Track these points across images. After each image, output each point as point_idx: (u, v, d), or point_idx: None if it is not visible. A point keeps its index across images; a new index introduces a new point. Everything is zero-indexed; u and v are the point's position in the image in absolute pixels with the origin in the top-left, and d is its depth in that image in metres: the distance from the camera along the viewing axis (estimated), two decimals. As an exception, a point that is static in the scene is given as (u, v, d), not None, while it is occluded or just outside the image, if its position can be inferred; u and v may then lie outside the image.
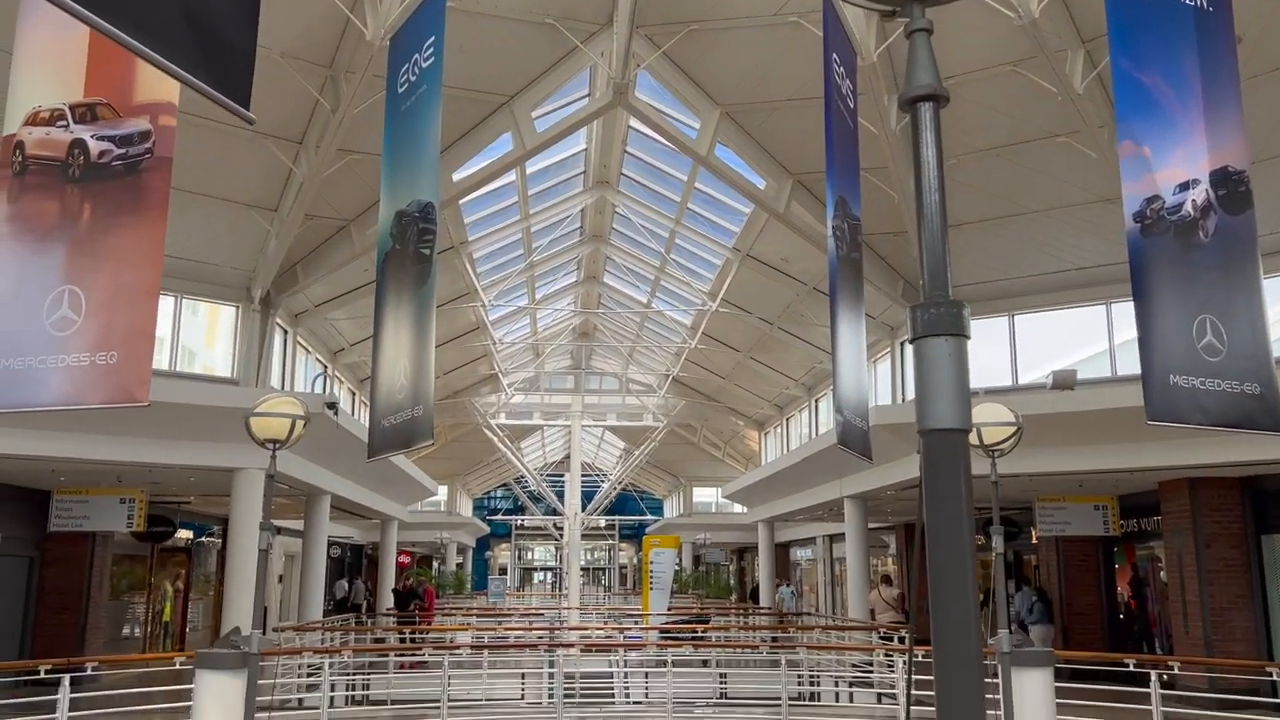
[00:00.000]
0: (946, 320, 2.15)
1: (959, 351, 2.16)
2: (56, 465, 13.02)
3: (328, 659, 11.77)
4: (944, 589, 2.23)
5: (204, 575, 22.47)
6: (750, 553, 41.03)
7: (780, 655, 11.82)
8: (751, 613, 28.16)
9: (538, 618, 27.00)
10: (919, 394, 2.19)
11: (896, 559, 25.22)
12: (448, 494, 42.29)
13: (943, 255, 2.22)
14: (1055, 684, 8.41)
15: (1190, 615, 13.21)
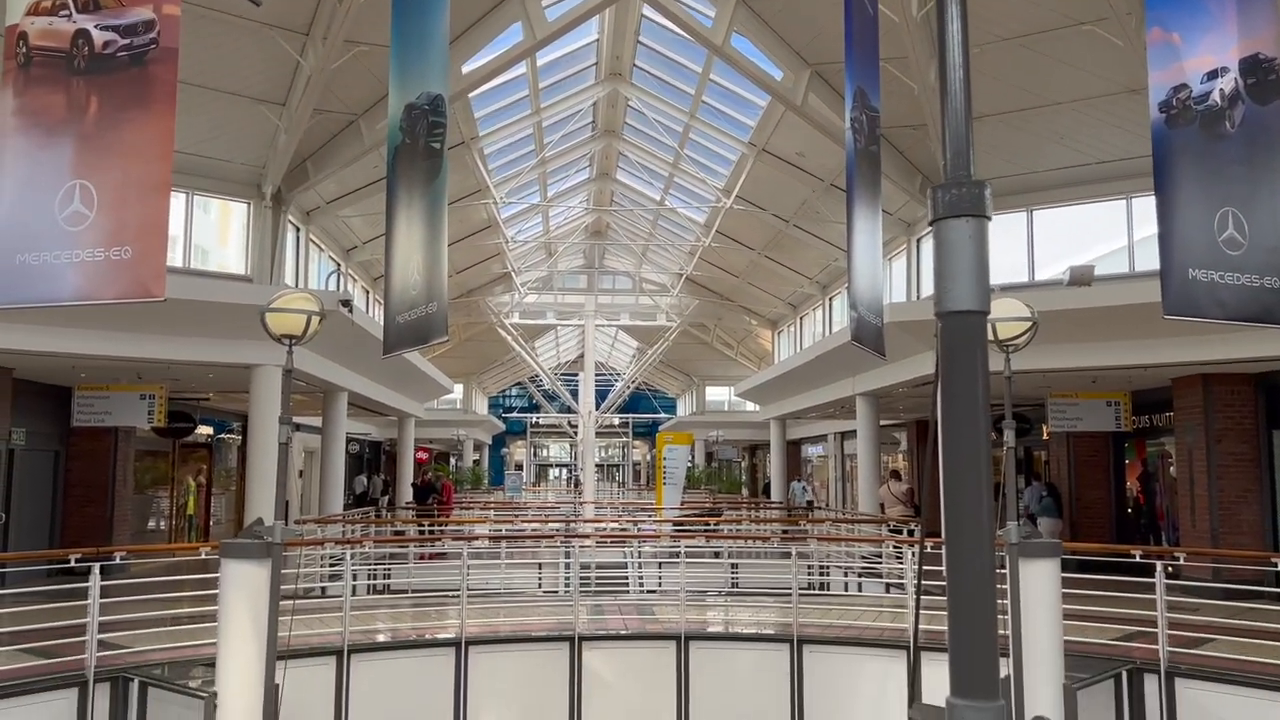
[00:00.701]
0: (968, 201, 2.12)
1: (979, 233, 2.14)
2: (77, 362, 13.16)
3: (349, 550, 12.06)
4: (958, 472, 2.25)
5: (225, 470, 22.90)
6: (762, 450, 41.50)
7: (791, 548, 12.05)
8: (762, 507, 28.63)
9: (554, 511, 27.52)
10: (938, 276, 2.17)
11: (907, 455, 25.48)
12: (463, 392, 42.71)
13: (966, 135, 2.17)
14: (1062, 575, 8.58)
15: (1198, 509, 13.37)
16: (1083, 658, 8.92)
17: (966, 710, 1.89)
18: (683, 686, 10.46)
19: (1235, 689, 8.37)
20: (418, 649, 10.37)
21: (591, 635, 10.65)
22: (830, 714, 10.25)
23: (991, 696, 1.95)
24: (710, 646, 10.70)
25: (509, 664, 10.44)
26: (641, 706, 10.64)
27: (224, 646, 7.94)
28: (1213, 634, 9.36)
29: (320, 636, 9.86)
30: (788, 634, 10.44)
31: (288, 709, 8.46)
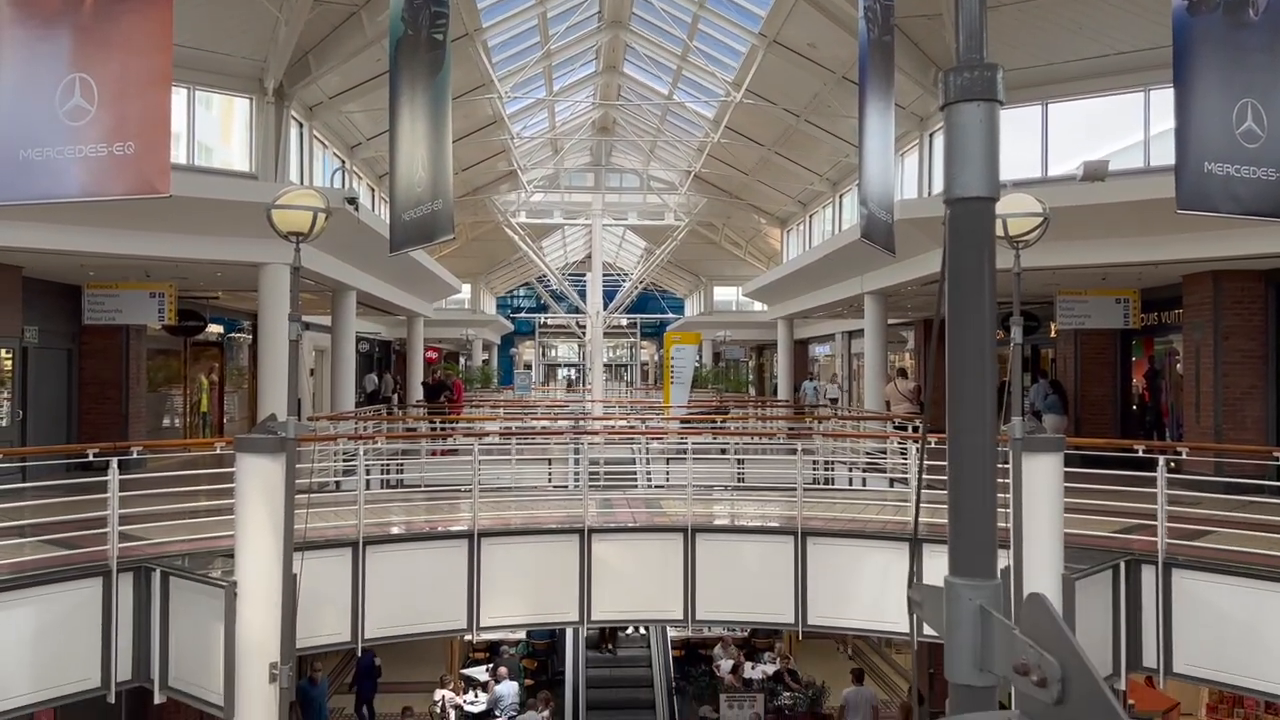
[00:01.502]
0: (980, 84, 2.08)
1: (990, 117, 2.11)
2: (85, 260, 13.17)
3: (362, 445, 12.24)
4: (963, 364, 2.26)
5: (237, 369, 23.10)
6: (769, 350, 41.60)
7: (797, 444, 12.20)
8: (769, 405, 28.85)
9: (563, 409, 27.78)
10: (947, 162, 2.15)
11: (914, 354, 25.54)
12: (471, 292, 42.69)
13: (980, 16, 2.13)
14: (1065, 470, 8.69)
15: (1203, 406, 13.44)
16: (1082, 550, 9.10)
17: (964, 588, 1.94)
18: (689, 577, 10.71)
19: (1231, 579, 8.55)
20: (431, 540, 10.62)
21: (600, 528, 10.87)
22: (832, 603, 10.51)
23: (989, 576, 2.00)
24: (716, 539, 10.92)
25: (520, 555, 10.69)
26: (649, 595, 10.93)
27: (242, 538, 8.14)
28: (1211, 527, 9.52)
29: (335, 529, 10.09)
30: (792, 527, 10.64)
31: (306, 597, 8.71)
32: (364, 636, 9.96)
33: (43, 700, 8.36)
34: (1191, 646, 8.66)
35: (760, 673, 17.50)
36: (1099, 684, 1.42)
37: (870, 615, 10.42)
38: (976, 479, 2.11)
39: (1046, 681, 1.53)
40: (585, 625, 11.09)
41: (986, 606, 1.83)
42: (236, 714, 8.04)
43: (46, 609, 8.25)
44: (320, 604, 9.48)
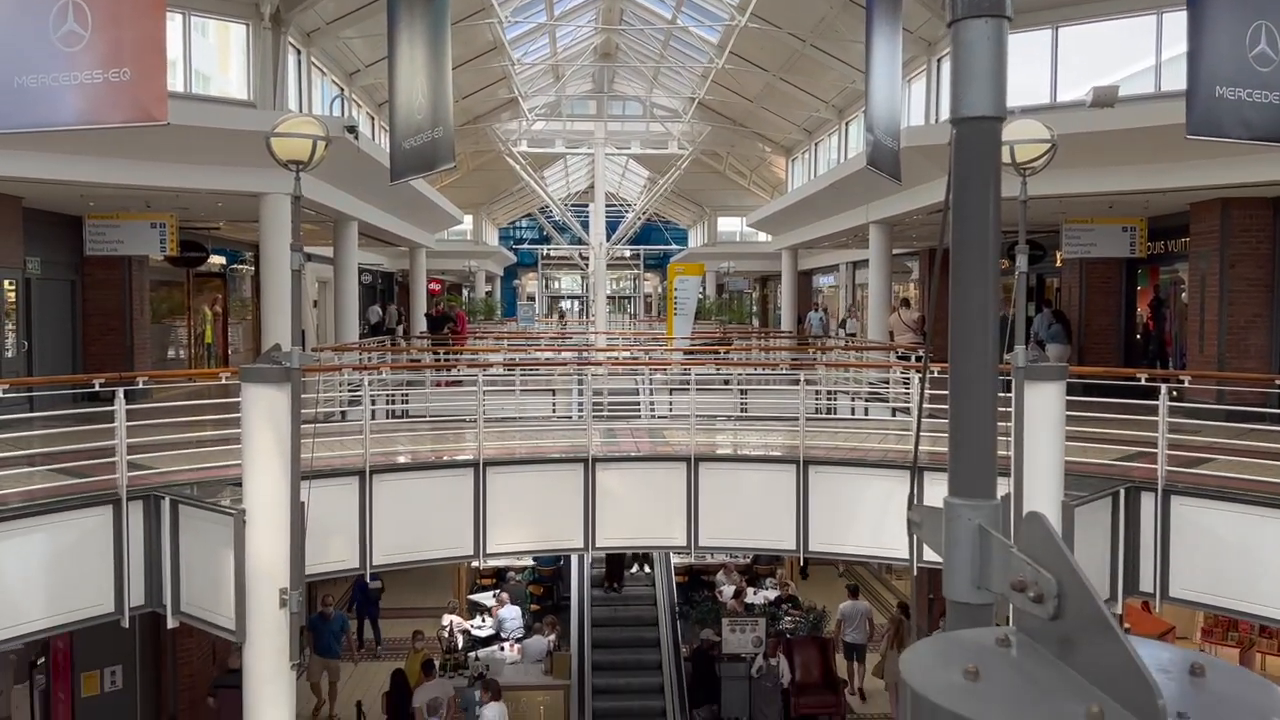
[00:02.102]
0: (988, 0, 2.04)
1: (998, 34, 2.07)
2: (85, 190, 13.09)
3: (366, 375, 12.28)
4: (966, 289, 2.25)
5: (240, 301, 23.09)
6: (773, 281, 41.50)
7: (800, 374, 12.23)
8: (772, 336, 28.85)
9: (566, 341, 27.82)
10: (954, 81, 2.12)
11: (918, 284, 25.46)
12: (473, 223, 42.45)
13: (989, -70, 2.07)
14: (1067, 398, 8.72)
15: (1207, 335, 13.43)
16: (1083, 478, 9.17)
17: (963, 508, 1.96)
18: (692, 505, 10.83)
19: (1229, 506, 8.63)
20: (437, 470, 10.71)
21: (605, 457, 10.95)
22: (833, 530, 10.64)
23: (988, 496, 2.02)
24: (719, 468, 11.01)
25: (526, 484, 10.79)
26: (653, 523, 11.06)
27: (249, 467, 8.22)
28: (1212, 454, 9.58)
29: (342, 458, 10.18)
30: (794, 456, 10.72)
31: (314, 524, 8.83)
32: (372, 563, 10.12)
33: (57, 625, 8.53)
34: (1188, 571, 8.78)
35: (762, 598, 17.80)
36: (1094, 598, 1.44)
37: (870, 541, 10.55)
38: (977, 400, 2.12)
39: (1043, 597, 1.55)
40: (590, 551, 11.25)
41: (985, 526, 1.85)
42: (248, 638, 8.21)
43: (58, 536, 8.37)
44: (329, 531, 9.61)
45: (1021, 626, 1.65)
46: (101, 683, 12.81)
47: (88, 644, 12.43)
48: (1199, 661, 1.47)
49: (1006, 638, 1.61)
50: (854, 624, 15.81)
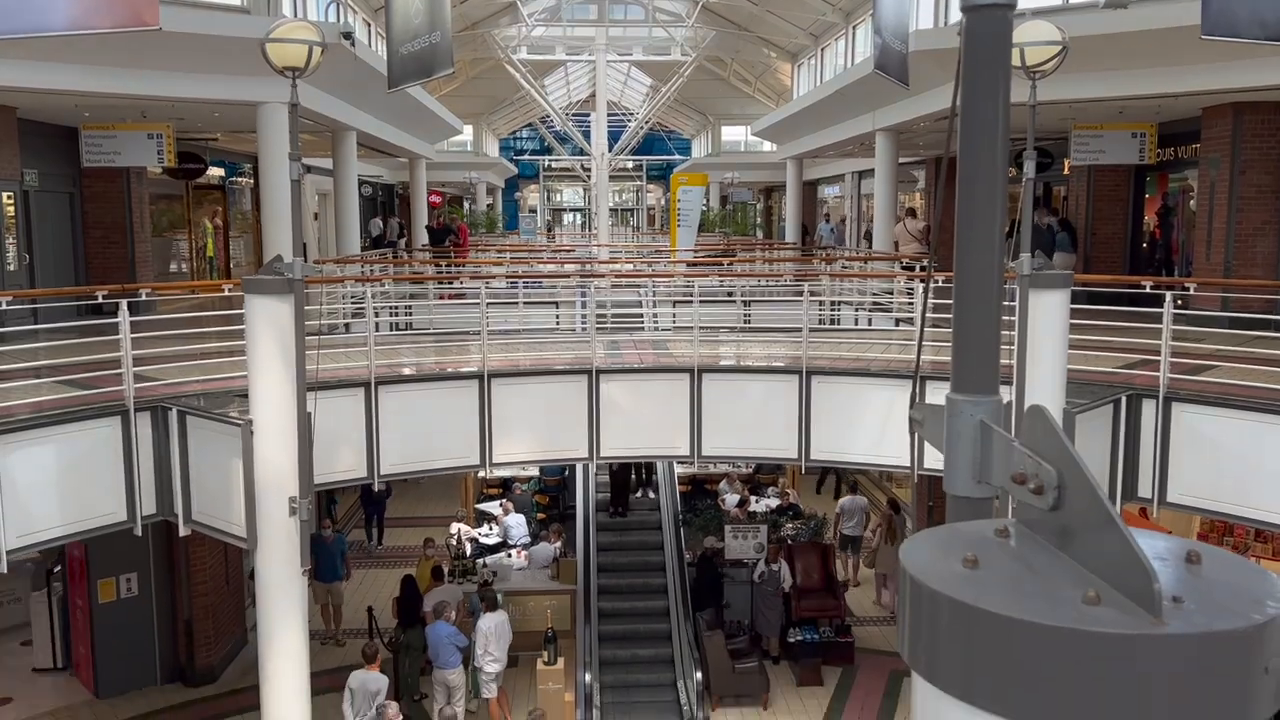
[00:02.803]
0: (1000, -117, 1.97)
1: (1011, -81, 2.01)
2: (79, 100, 12.89)
3: (369, 288, 12.26)
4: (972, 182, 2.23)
5: (240, 214, 22.94)
6: (778, 192, 41.05)
7: (804, 284, 12.18)
8: (776, 247, 28.67)
9: (569, 254, 27.68)
10: (964, -31, 2.06)
11: (924, 194, 25.20)
12: (473, 134, 41.86)
13: None
14: (1071, 307, 8.71)
15: (1214, 242, 13.33)
16: (1085, 385, 9.21)
17: (965, 404, 1.97)
18: (695, 415, 10.91)
19: (1230, 412, 8.68)
20: (442, 381, 10.77)
21: (608, 369, 10.99)
22: (835, 439, 10.73)
23: (990, 392, 2.03)
24: (722, 379, 11.06)
25: (530, 395, 10.86)
26: (657, 433, 11.15)
27: (255, 378, 8.27)
28: (1214, 362, 9.59)
29: (347, 370, 10.22)
30: (797, 366, 10.75)
31: (322, 435, 8.90)
32: (380, 473, 10.24)
33: (72, 533, 8.69)
34: (1187, 477, 8.87)
35: (764, 506, 18.05)
36: (1094, 488, 1.45)
37: (872, 450, 10.65)
38: (981, 298, 2.11)
39: (1043, 489, 1.57)
40: (595, 461, 11.37)
41: (987, 421, 1.86)
42: (259, 546, 8.36)
43: (68, 447, 8.46)
44: (336, 442, 9.70)
45: (1021, 518, 1.67)
46: (118, 589, 13.10)
47: (103, 552, 12.68)
48: (1195, 550, 1.49)
49: (1006, 529, 1.63)
50: (852, 517, 16.94)
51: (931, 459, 9.49)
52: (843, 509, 17.20)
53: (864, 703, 12.96)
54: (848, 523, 17.01)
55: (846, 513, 17.10)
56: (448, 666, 11.74)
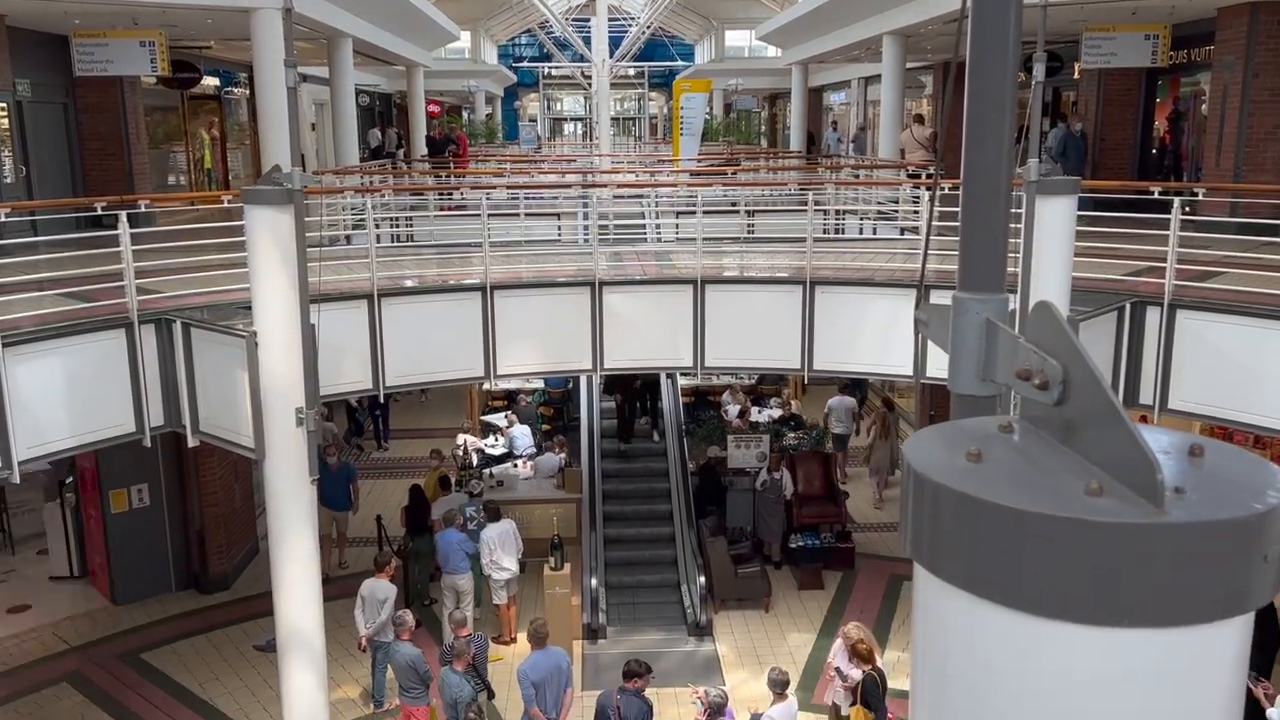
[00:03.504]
0: None
1: None
2: (68, 6, 12.60)
3: (369, 199, 12.15)
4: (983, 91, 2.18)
5: (237, 125, 22.63)
6: (782, 99, 40.36)
7: (809, 193, 12.04)
8: (781, 156, 28.30)
9: (570, 164, 27.36)
10: None
11: (931, 99, 24.77)
12: (471, 41, 40.98)
13: None
14: (1079, 214, 8.62)
15: (1224, 147, 13.13)
16: (1089, 293, 9.18)
17: (971, 302, 1.96)
18: (698, 327, 10.91)
19: (1234, 319, 8.66)
20: (445, 293, 10.75)
21: (611, 281, 10.95)
22: (838, 349, 10.74)
23: (996, 290, 2.02)
24: (725, 290, 11.02)
25: (533, 307, 10.85)
26: (660, 344, 11.17)
27: (257, 290, 8.25)
28: (1220, 268, 9.53)
29: (349, 282, 10.20)
30: (801, 277, 10.70)
31: (326, 347, 8.93)
32: (385, 384, 10.30)
33: (82, 444, 8.78)
34: (1189, 384, 8.90)
35: (766, 417, 18.19)
36: (1099, 381, 1.45)
37: (875, 359, 10.67)
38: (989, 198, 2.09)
39: (1048, 384, 1.57)
40: (598, 373, 11.41)
41: (993, 319, 1.85)
42: (267, 456, 8.45)
43: (74, 359, 8.49)
44: (341, 353, 9.73)
45: (1025, 414, 1.67)
46: (129, 500, 13.31)
47: (113, 464, 12.84)
48: (1198, 443, 1.50)
49: (1009, 424, 1.64)
50: (840, 417, 17.62)
51: (934, 366, 9.53)
52: (830, 409, 17.74)
53: (864, 605, 13.24)
54: (836, 421, 17.69)
55: (835, 412, 17.68)
56: (457, 572, 11.97)
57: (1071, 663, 1.37)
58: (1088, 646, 1.34)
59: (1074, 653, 1.36)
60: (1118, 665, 1.34)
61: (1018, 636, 1.39)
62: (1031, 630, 1.37)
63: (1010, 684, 1.45)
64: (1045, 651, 1.39)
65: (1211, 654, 1.35)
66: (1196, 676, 1.36)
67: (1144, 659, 1.33)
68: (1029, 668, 1.41)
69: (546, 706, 8.90)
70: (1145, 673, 1.34)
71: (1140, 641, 1.31)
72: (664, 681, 10.78)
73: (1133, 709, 1.37)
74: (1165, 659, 1.33)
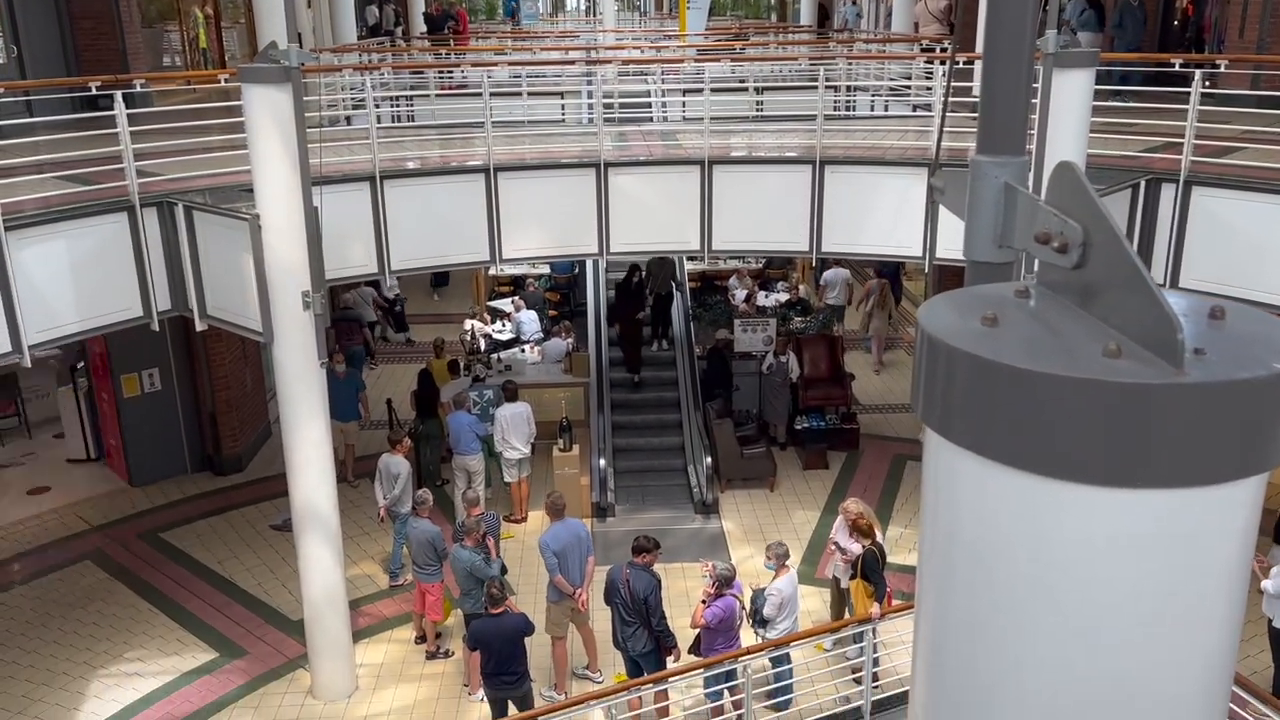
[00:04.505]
0: None
1: None
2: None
3: (368, 77, 11.88)
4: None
5: (232, 2, 21.95)
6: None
7: (819, 69, 11.71)
8: (791, 30, 27.50)
9: (573, 39, 26.63)
10: None
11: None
12: (470, -89, 39.44)
13: None
14: (1096, 88, 8.40)
15: (1249, 18, 12.70)
16: (1104, 170, 9.01)
17: (990, 165, 1.91)
18: (706, 208, 10.78)
19: (1250, 195, 8.52)
20: (448, 175, 10.59)
21: (617, 162, 10.78)
22: (847, 230, 10.62)
23: (1016, 153, 1.96)
24: (733, 170, 10.85)
25: (538, 189, 10.71)
26: (666, 227, 11.06)
27: (258, 171, 8.16)
28: (1239, 144, 9.33)
29: (351, 164, 10.05)
30: (810, 156, 10.51)
31: (330, 231, 8.88)
32: (390, 268, 10.25)
33: (89, 328, 8.80)
34: (1201, 262, 8.81)
35: (773, 300, 18.15)
36: (1120, 241, 1.42)
37: (885, 241, 10.57)
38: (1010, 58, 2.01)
39: (1068, 246, 1.53)
40: (604, 257, 11.33)
41: (1012, 182, 1.80)
42: (275, 339, 8.49)
43: (79, 243, 8.45)
44: (345, 237, 9.66)
45: (1042, 280, 1.64)
46: (141, 384, 13.43)
47: (123, 348, 12.91)
48: (1219, 305, 1.47)
49: (1026, 289, 1.61)
50: (834, 289, 18.12)
51: (944, 247, 9.42)
52: (826, 281, 18.15)
53: (867, 485, 13.44)
54: (830, 294, 18.13)
55: (830, 284, 18.14)
56: (468, 453, 12.14)
57: (1085, 526, 1.37)
58: (1103, 509, 1.34)
59: (1088, 516, 1.36)
60: (1132, 528, 1.34)
61: (1031, 500, 1.39)
62: (1046, 493, 1.37)
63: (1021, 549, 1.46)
64: (1058, 515, 1.38)
65: (1226, 515, 1.35)
66: (1211, 538, 1.36)
67: (1159, 521, 1.33)
68: (1041, 532, 1.42)
69: (570, 575, 9.14)
70: (1159, 535, 1.34)
71: (1156, 503, 1.31)
72: (671, 557, 11.03)
73: (1146, 572, 1.38)
74: (1181, 521, 1.33)
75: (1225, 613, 1.46)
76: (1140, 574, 1.38)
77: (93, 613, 10.86)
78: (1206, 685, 1.49)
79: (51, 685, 9.70)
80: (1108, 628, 1.41)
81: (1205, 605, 1.43)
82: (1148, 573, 1.38)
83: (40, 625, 10.64)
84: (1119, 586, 1.39)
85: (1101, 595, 1.40)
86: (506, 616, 8.38)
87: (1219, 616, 1.45)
